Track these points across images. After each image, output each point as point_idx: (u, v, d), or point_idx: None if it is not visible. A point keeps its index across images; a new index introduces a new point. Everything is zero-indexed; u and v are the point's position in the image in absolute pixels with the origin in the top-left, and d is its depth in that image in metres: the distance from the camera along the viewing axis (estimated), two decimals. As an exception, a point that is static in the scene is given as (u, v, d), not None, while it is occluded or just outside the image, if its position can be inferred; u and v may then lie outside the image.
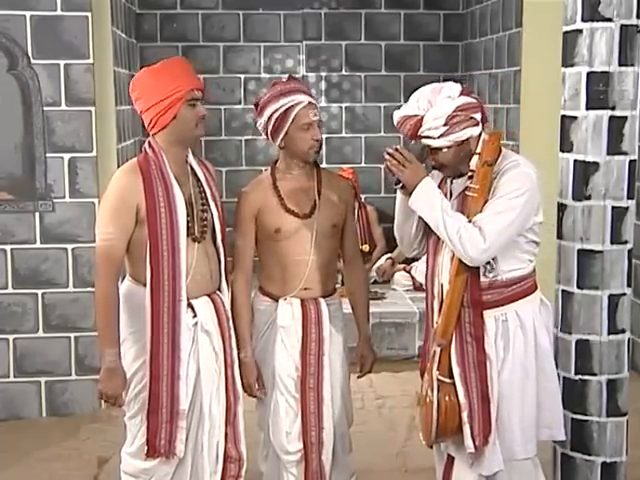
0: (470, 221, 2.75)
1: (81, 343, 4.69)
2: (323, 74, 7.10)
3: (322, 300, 3.17)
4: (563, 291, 3.24)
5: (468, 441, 2.79)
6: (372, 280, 6.21)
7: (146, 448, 2.91)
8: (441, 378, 2.82)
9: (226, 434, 3.00)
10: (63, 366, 4.71)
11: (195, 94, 2.91)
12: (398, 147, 2.80)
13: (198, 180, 3.01)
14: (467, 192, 2.80)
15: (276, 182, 3.15)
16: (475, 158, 2.80)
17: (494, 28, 6.15)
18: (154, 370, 2.87)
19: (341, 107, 7.12)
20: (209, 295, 2.99)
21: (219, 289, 3.04)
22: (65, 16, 4.50)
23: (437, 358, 2.81)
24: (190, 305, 2.92)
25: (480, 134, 2.82)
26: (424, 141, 2.81)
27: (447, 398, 2.79)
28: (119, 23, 5.37)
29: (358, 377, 3.37)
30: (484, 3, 6.40)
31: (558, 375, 3.26)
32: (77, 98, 4.56)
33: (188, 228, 2.91)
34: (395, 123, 2.86)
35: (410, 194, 2.79)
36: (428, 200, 2.76)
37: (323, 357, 3.13)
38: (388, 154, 2.79)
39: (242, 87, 7.01)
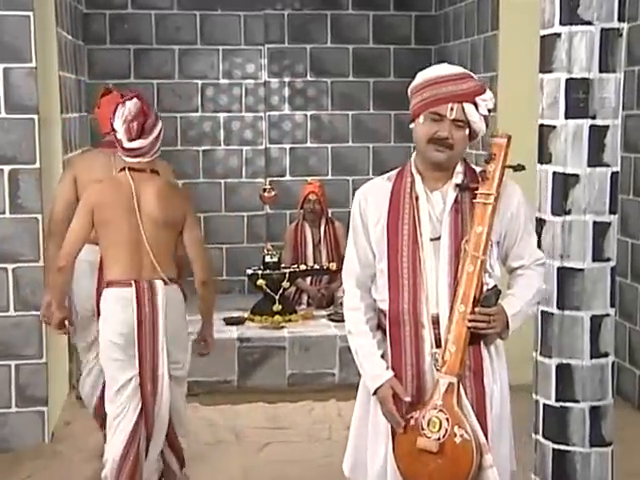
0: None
1: (22, 371, 4.61)
2: (286, 80, 7.11)
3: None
4: (542, 312, 3.25)
5: None
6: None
7: None
8: (461, 412, 2.67)
9: None
10: (3, 397, 4.63)
11: None
12: (476, 310, 2.71)
13: None
14: (479, 199, 2.70)
15: None
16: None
17: (469, 31, 6.21)
18: None
19: (306, 115, 7.13)
20: None
21: None
22: (5, 16, 4.45)
23: (455, 392, 2.67)
24: None
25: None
26: (469, 109, 2.73)
27: (473, 435, 2.66)
28: (64, 24, 5.34)
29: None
30: (458, 4, 6.46)
31: (537, 402, 3.28)
32: (18, 105, 4.51)
33: None
34: (448, 72, 2.76)
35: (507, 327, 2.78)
36: (520, 317, 2.79)
37: None
38: (470, 321, 2.70)
39: (199, 94, 7.01)
